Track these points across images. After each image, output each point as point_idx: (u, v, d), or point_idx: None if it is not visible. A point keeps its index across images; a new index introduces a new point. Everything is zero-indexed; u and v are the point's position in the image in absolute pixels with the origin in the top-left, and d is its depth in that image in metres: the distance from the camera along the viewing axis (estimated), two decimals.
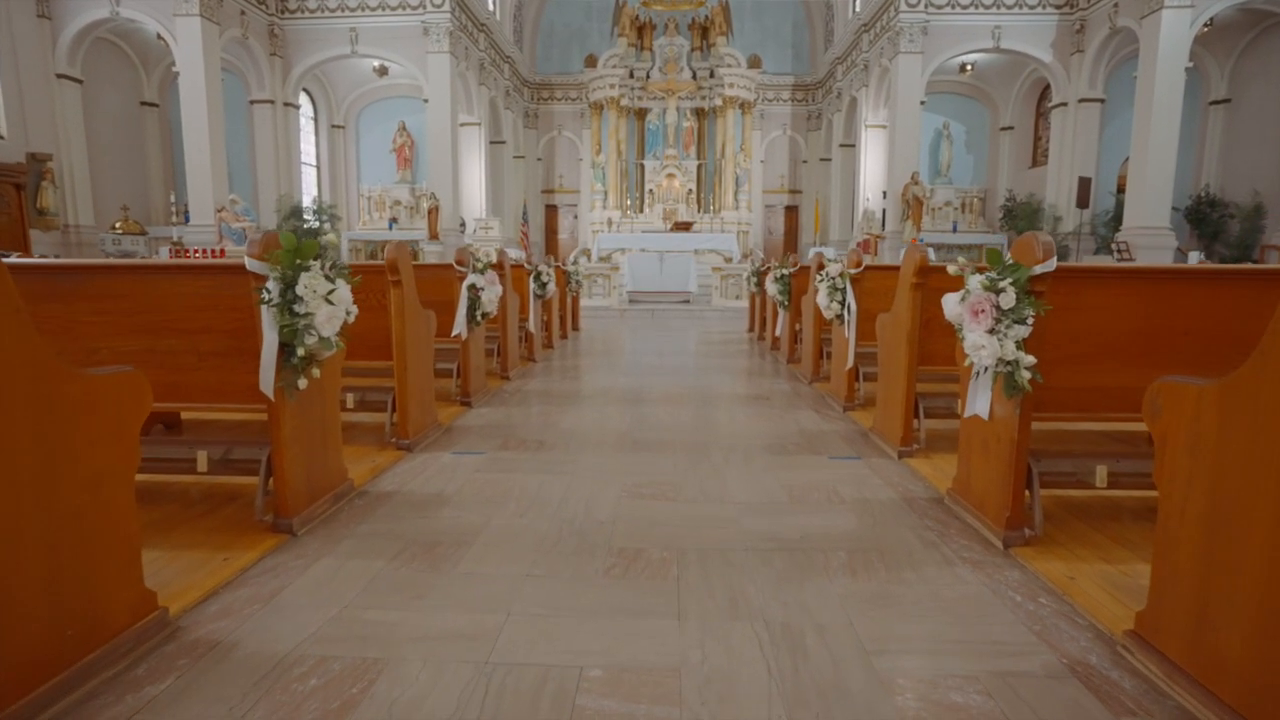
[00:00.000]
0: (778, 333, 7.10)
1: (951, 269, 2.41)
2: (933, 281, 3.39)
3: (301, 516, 2.51)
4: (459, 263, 4.52)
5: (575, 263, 9.09)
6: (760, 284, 8.90)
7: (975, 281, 2.25)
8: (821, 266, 5.01)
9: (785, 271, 6.59)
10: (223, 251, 13.44)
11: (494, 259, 5.57)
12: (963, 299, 2.30)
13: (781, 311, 6.88)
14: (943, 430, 3.80)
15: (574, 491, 2.98)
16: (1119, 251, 13.47)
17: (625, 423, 4.28)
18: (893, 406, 3.58)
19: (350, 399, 3.61)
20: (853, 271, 4.39)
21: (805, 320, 5.96)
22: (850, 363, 4.48)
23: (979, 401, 2.44)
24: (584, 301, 12.96)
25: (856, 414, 4.48)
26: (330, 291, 2.40)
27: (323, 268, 2.46)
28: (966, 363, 2.35)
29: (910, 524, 2.62)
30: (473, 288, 4.51)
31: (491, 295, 4.57)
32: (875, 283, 4.58)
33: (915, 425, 3.50)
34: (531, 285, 6.69)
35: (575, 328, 10.07)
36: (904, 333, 3.43)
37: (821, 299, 4.53)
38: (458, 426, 4.16)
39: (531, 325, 6.75)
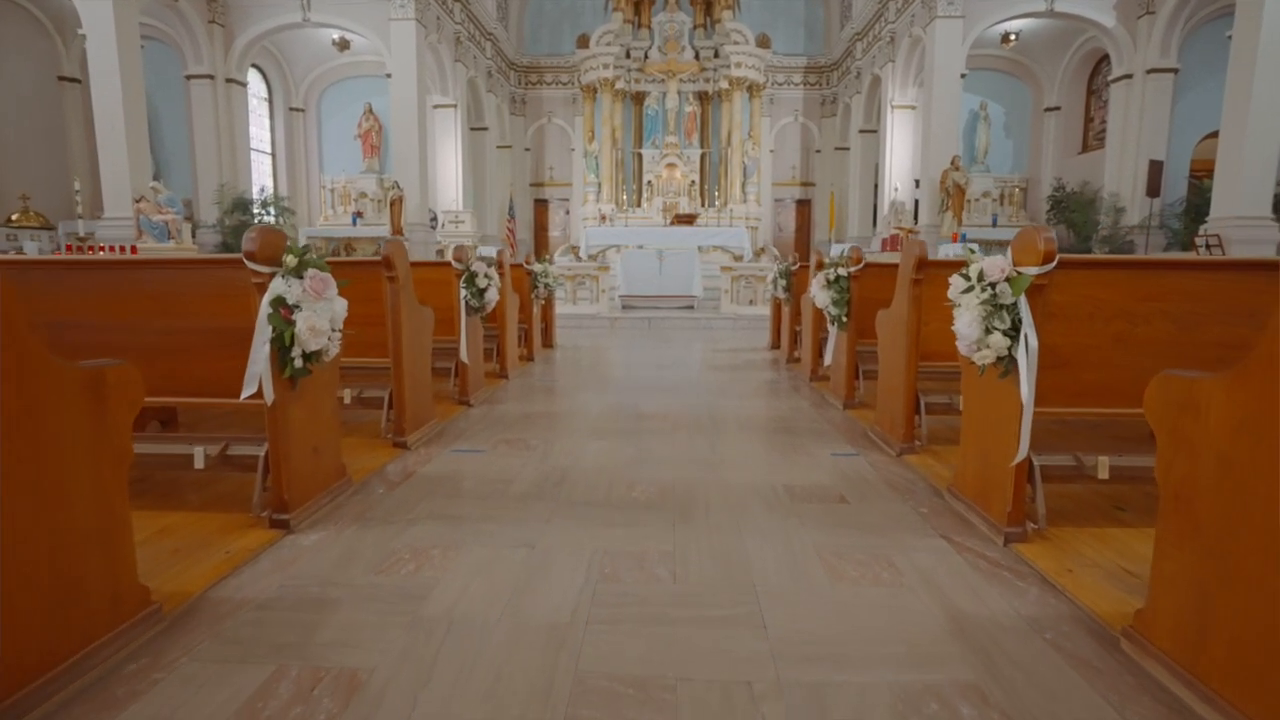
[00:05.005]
0: (826, 361, 4.88)
1: None
2: None
3: None
4: (255, 257, 2.30)
5: (545, 260, 6.88)
6: (790, 288, 6.69)
7: None
8: (922, 261, 2.80)
9: (844, 272, 4.37)
10: (134, 249, 11.24)
11: (382, 251, 3.39)
12: None
13: (834, 330, 4.67)
14: None
15: None
16: (1208, 246, 11.23)
17: (577, 583, 2.06)
18: (1242, 607, 1.35)
19: None
20: (1034, 272, 2.17)
21: (886, 353, 3.73)
22: (1023, 451, 2.26)
23: None
24: (567, 308, 10.76)
25: (1033, 552, 2.26)
26: None
27: None
28: None
29: None
30: (280, 305, 2.29)
31: (319, 320, 2.35)
32: (1074, 292, 2.35)
33: None
34: (462, 294, 4.47)
35: (549, 344, 7.86)
36: None
37: (965, 327, 2.30)
38: (213, 602, 1.94)
39: (463, 353, 4.54)
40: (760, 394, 5.24)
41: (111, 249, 11.38)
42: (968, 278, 2.27)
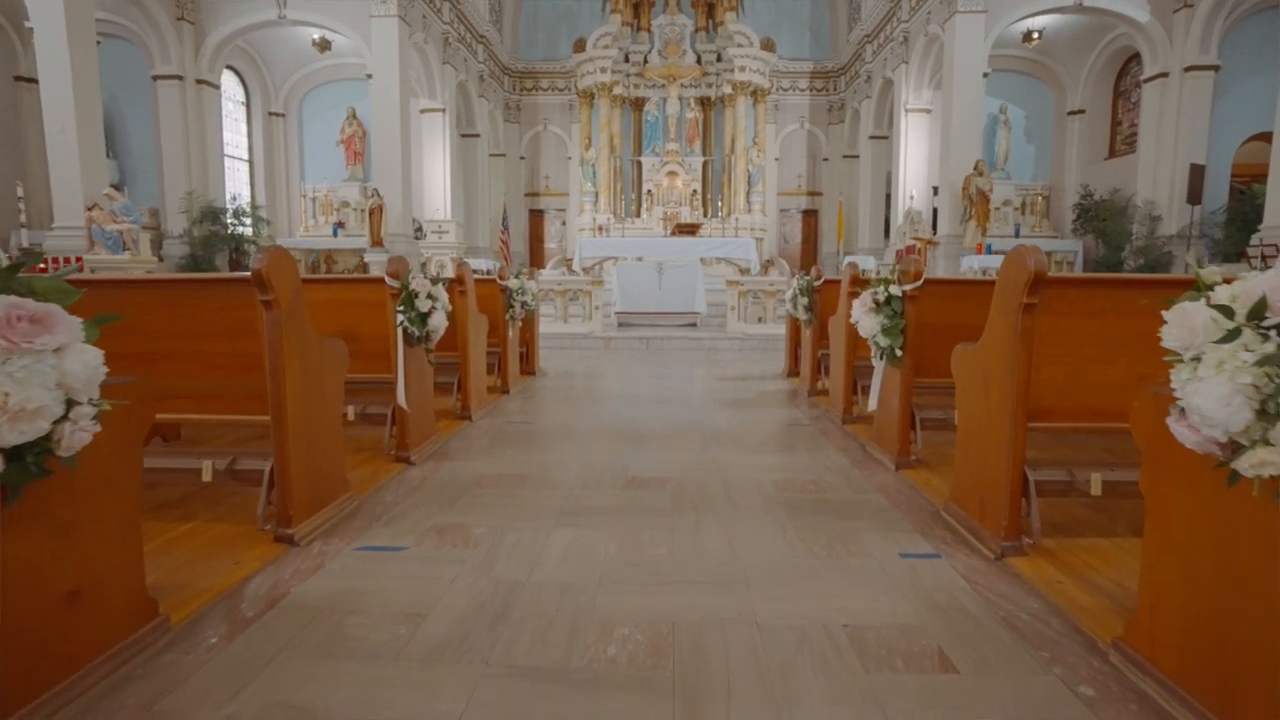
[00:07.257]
0: (871, 405, 3.81)
1: None
2: None
3: None
4: None
5: (522, 275, 5.84)
6: (812, 307, 5.64)
7: None
8: (1039, 278, 1.78)
9: (897, 291, 3.32)
10: (80, 260, 10.22)
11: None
12: None
13: (881, 365, 3.61)
14: None
15: None
16: (1264, 257, 10.20)
17: None
18: None
19: None
20: None
21: (970, 404, 2.67)
22: None
23: None
24: (556, 327, 9.72)
25: None
26: None
27: None
28: None
29: None
30: None
31: (23, 391, 1.29)
32: None
33: None
34: (399, 320, 3.43)
35: (529, 370, 6.81)
36: None
37: (1217, 406, 1.24)
38: None
39: (401, 397, 3.48)
40: (783, 444, 4.17)
41: (56, 262, 10.39)
42: (1229, 312, 1.21)
